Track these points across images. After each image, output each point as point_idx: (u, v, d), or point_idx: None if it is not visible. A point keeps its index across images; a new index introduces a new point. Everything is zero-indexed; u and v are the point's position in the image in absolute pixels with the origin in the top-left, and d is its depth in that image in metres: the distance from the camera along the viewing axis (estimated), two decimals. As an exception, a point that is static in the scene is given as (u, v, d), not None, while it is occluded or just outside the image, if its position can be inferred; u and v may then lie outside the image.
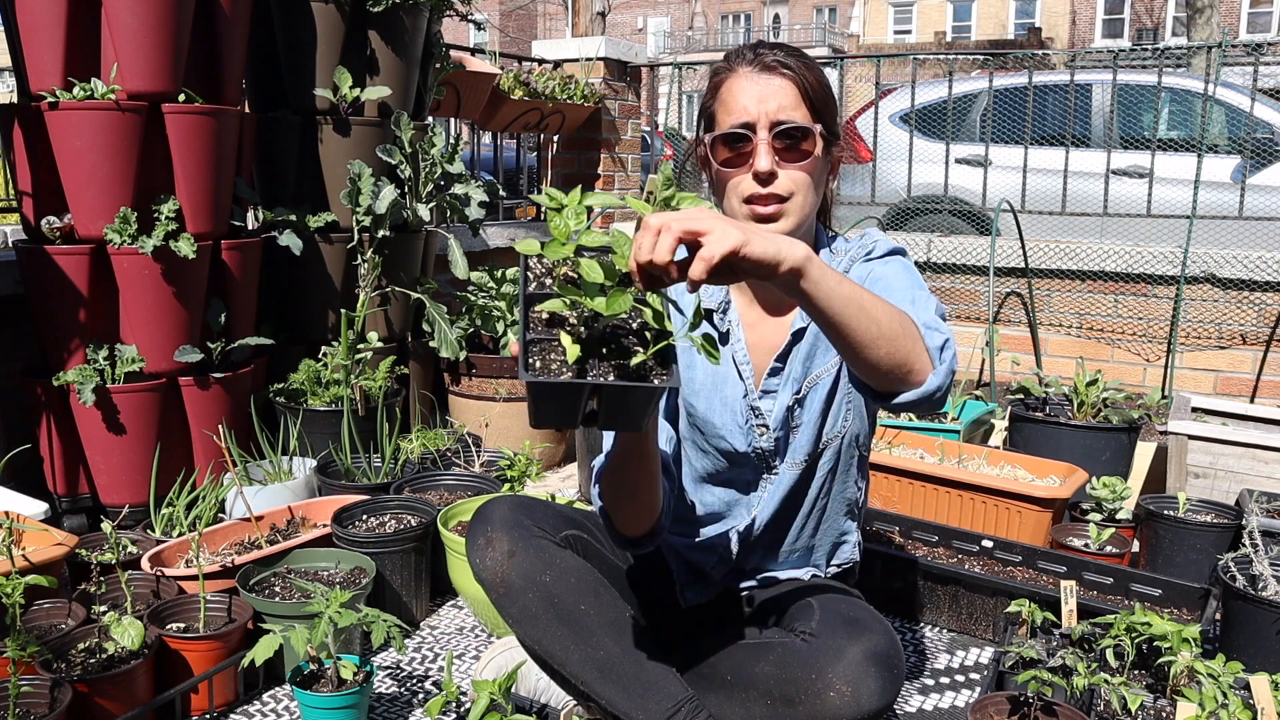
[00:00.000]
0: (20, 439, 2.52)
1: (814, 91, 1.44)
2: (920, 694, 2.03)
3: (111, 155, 2.34)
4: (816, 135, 1.43)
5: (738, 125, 1.43)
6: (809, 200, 1.46)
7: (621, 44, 4.93)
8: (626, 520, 1.44)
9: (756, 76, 1.44)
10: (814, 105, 1.44)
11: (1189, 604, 2.17)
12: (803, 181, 1.44)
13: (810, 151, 1.43)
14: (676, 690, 1.42)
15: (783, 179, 1.43)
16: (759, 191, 1.43)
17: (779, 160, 1.42)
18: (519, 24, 33.84)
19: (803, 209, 1.45)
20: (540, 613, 1.43)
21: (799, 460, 1.59)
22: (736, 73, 1.46)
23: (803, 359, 1.56)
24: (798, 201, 1.44)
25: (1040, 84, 5.08)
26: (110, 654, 1.79)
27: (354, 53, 2.93)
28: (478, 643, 2.22)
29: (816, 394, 1.57)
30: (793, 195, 1.43)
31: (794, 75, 1.43)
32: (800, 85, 1.43)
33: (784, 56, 1.44)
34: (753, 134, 1.42)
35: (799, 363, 1.56)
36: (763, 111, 1.42)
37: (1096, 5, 28.61)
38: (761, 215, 1.44)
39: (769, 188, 1.43)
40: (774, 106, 1.42)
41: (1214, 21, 11.60)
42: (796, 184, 1.43)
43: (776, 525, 1.63)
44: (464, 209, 3.25)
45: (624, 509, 1.43)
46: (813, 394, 1.57)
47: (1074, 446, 3.01)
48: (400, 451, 2.75)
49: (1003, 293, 4.31)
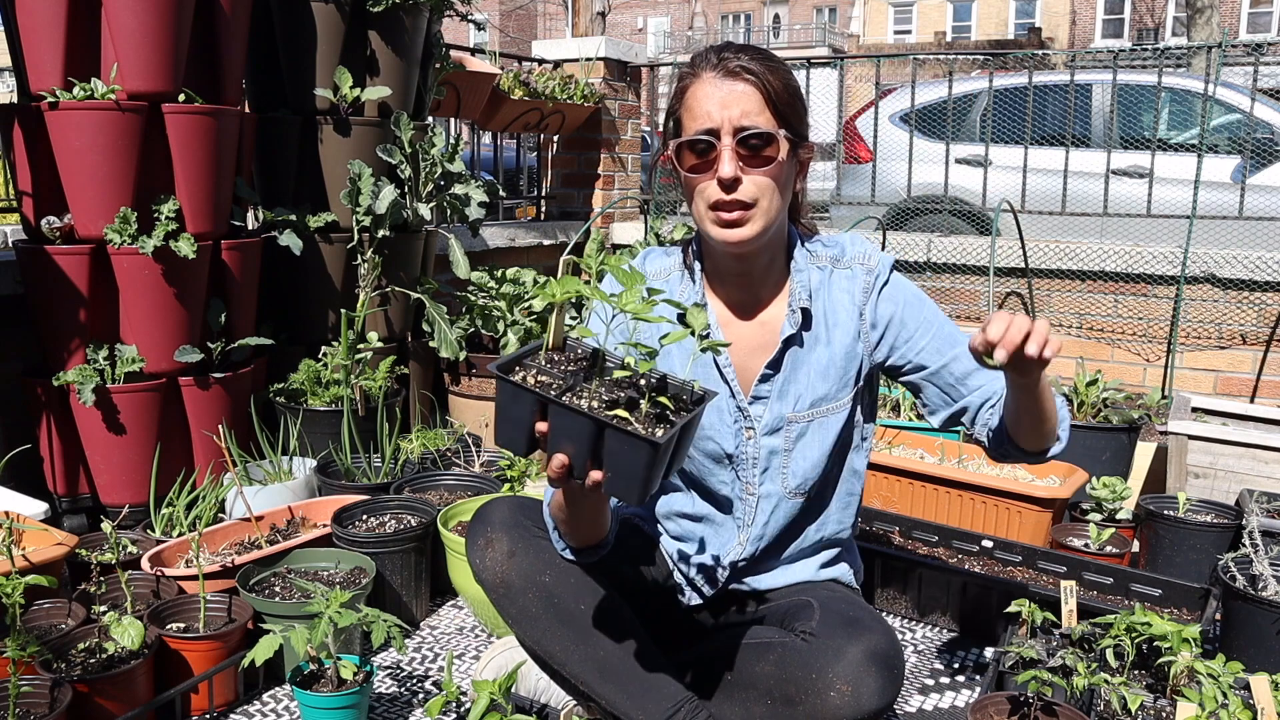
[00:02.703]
0: (20, 439, 2.52)
1: (778, 95, 1.43)
2: (920, 694, 2.03)
3: (111, 155, 2.34)
4: (780, 140, 1.43)
5: (701, 132, 1.43)
6: (774, 204, 1.46)
7: (621, 44, 4.93)
8: (572, 535, 1.46)
9: (719, 82, 1.43)
10: (778, 109, 1.43)
11: (1189, 604, 2.17)
12: (767, 186, 1.44)
13: (774, 157, 1.43)
14: (676, 690, 1.42)
15: (747, 185, 1.43)
16: (723, 198, 1.43)
17: (743, 166, 1.42)
18: (519, 24, 33.84)
19: (768, 213, 1.46)
20: (540, 613, 1.44)
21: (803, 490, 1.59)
22: (700, 78, 1.45)
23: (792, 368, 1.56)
24: (762, 206, 1.45)
25: (1040, 84, 5.08)
26: (110, 654, 1.79)
27: (354, 53, 2.93)
28: (478, 643, 2.22)
29: (828, 429, 1.58)
30: (757, 200, 1.44)
31: (756, 81, 1.42)
32: (764, 90, 1.42)
33: (747, 61, 1.43)
34: (716, 140, 1.42)
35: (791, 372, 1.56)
36: (726, 118, 1.41)
37: (1096, 5, 28.60)
38: (726, 220, 1.45)
39: (733, 194, 1.43)
40: (737, 112, 1.41)
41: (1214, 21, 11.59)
42: (761, 189, 1.44)
43: (773, 544, 1.63)
44: (464, 209, 3.25)
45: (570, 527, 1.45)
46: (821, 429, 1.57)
47: (1074, 446, 2.99)
48: (400, 451, 2.75)
49: (1003, 293, 4.31)
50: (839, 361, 1.57)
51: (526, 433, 1.15)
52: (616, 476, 1.11)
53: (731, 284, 1.58)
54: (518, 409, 1.14)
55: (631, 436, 1.09)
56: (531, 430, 1.15)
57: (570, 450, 1.13)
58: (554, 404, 1.12)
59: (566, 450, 1.13)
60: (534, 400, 1.13)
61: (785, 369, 1.56)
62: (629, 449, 1.09)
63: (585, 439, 1.11)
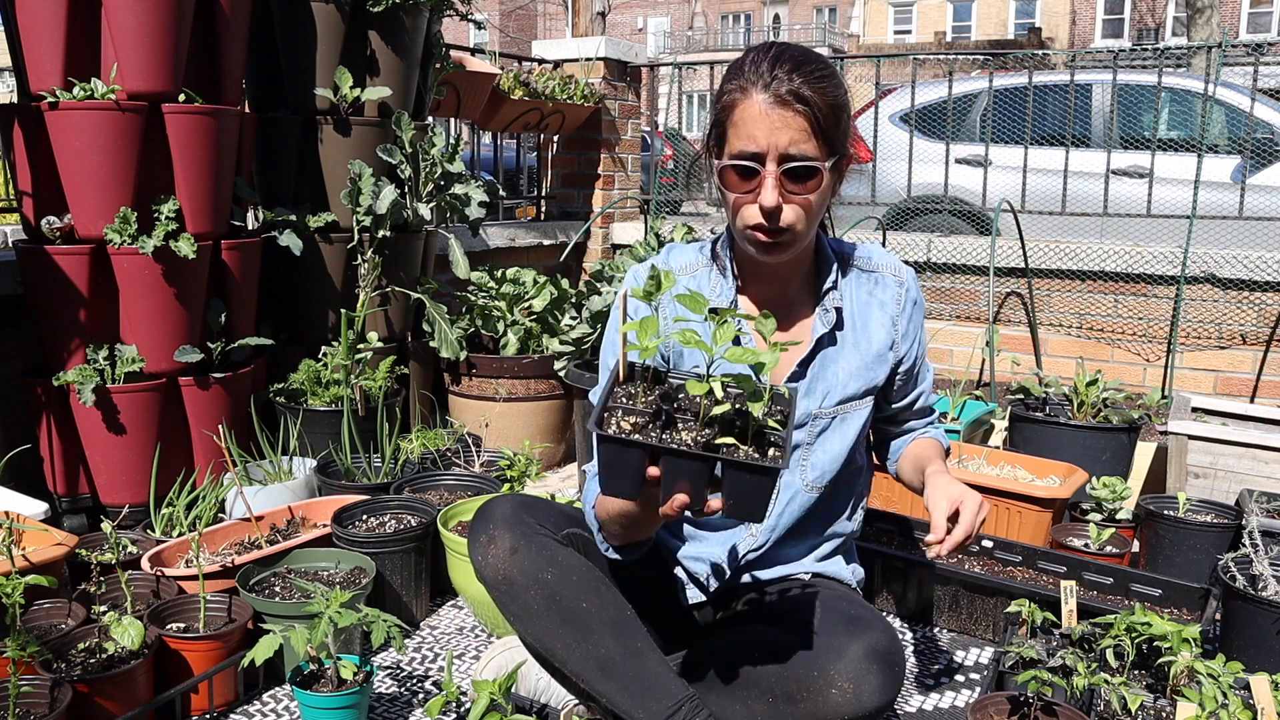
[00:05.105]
0: (20, 439, 2.52)
1: (825, 120, 1.42)
2: (920, 694, 2.03)
3: (111, 155, 2.34)
4: (824, 171, 1.43)
5: (746, 155, 1.42)
6: (812, 226, 1.50)
7: (621, 44, 4.93)
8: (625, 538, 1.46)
9: (769, 109, 1.40)
10: (825, 135, 1.42)
11: (1189, 604, 2.17)
12: (807, 211, 1.46)
13: (817, 186, 1.44)
14: (677, 688, 1.42)
15: (787, 212, 1.44)
16: (763, 224, 1.45)
17: (785, 193, 1.43)
18: (519, 24, 33.84)
19: (805, 235, 1.49)
20: (542, 610, 1.44)
21: (820, 483, 1.63)
22: (751, 98, 1.42)
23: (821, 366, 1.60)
24: (800, 230, 1.47)
25: (1040, 84, 5.08)
26: (110, 654, 1.78)
27: (354, 53, 2.93)
28: (478, 643, 2.22)
29: (849, 425, 1.63)
30: (794, 225, 1.45)
31: (807, 110, 1.40)
32: (812, 118, 1.40)
33: (799, 85, 1.40)
34: (761, 166, 1.42)
35: (820, 370, 1.60)
36: (772, 144, 1.41)
37: (1096, 5, 28.60)
38: (763, 243, 1.47)
39: (773, 222, 1.44)
40: (785, 140, 1.40)
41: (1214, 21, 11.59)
42: (800, 215, 1.45)
43: (784, 536, 1.64)
44: (464, 209, 3.25)
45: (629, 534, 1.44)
46: (843, 424, 1.62)
47: (1074, 446, 3.00)
48: (400, 451, 2.75)
49: (1003, 293, 4.31)
50: (870, 363, 1.62)
51: (638, 480, 1.16)
52: (739, 503, 1.13)
53: (763, 283, 1.61)
54: (625, 462, 1.15)
55: (753, 468, 1.11)
56: (643, 475, 1.16)
57: (686, 488, 1.14)
58: (665, 452, 1.12)
59: (682, 489, 1.14)
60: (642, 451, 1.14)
61: (815, 367, 1.60)
62: (750, 477, 1.11)
63: (702, 476, 1.13)
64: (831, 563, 1.70)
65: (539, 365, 3.32)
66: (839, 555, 1.72)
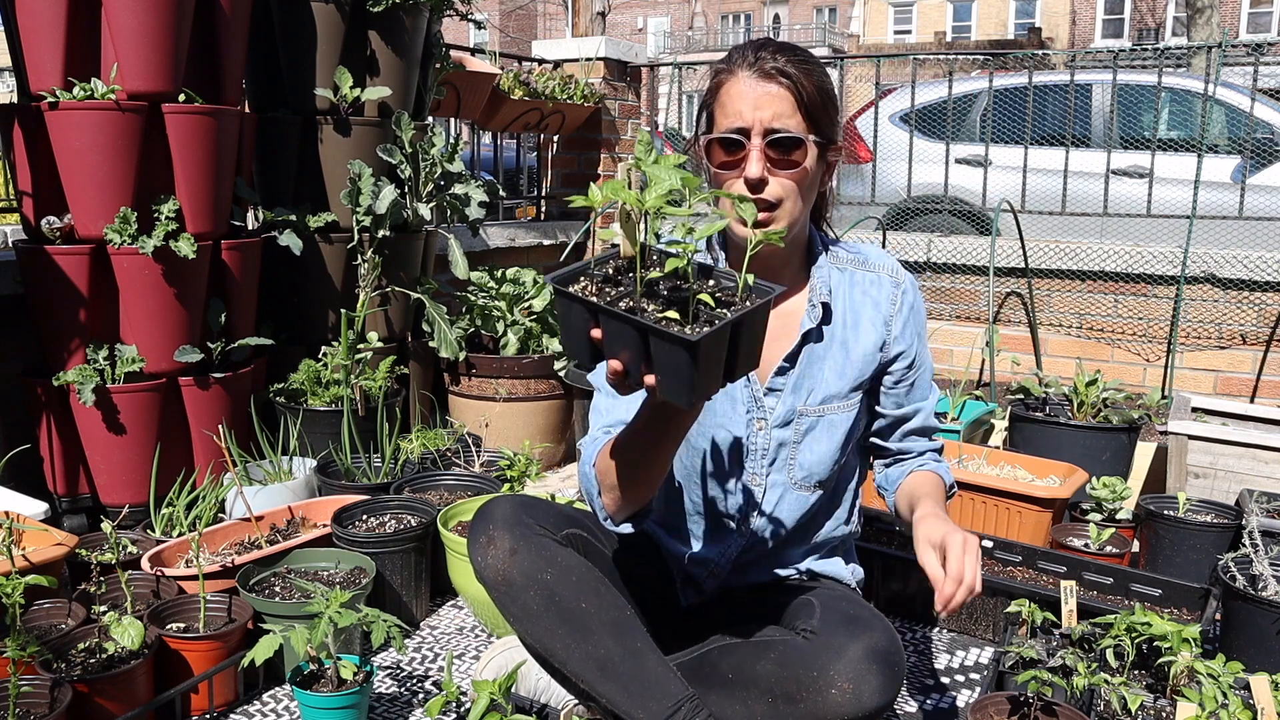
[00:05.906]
0: (20, 439, 2.52)
1: (810, 99, 1.45)
2: (920, 694, 2.03)
3: (111, 155, 2.34)
4: (809, 144, 1.46)
5: (732, 130, 1.46)
6: (799, 206, 1.50)
7: (621, 44, 4.93)
8: (621, 500, 1.42)
9: (754, 82, 1.45)
10: (810, 113, 1.46)
11: (1189, 604, 2.17)
12: (792, 188, 1.47)
13: (801, 161, 1.46)
14: (677, 689, 1.42)
15: (773, 185, 1.46)
16: (749, 197, 1.44)
17: (770, 167, 1.45)
18: (519, 24, 33.84)
19: (792, 214, 1.49)
20: (541, 611, 1.43)
21: (809, 483, 1.61)
22: (736, 76, 1.48)
23: (809, 362, 1.59)
24: (786, 207, 1.48)
25: (1040, 84, 5.08)
26: (110, 654, 1.78)
27: (354, 53, 2.93)
28: (478, 643, 2.22)
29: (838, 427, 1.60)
30: (782, 201, 1.47)
31: (791, 84, 1.44)
32: (797, 94, 1.44)
33: (784, 64, 1.45)
34: (746, 140, 1.45)
35: (808, 366, 1.59)
36: (757, 119, 1.44)
37: (1096, 5, 28.60)
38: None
39: (758, 194, 1.46)
40: (769, 114, 1.44)
41: (1214, 21, 11.59)
42: (786, 191, 1.47)
43: (777, 537, 1.63)
44: (464, 209, 3.25)
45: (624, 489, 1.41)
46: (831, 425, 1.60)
47: (1074, 446, 3.00)
48: (400, 451, 2.75)
49: (1003, 293, 4.31)
50: (857, 362, 1.61)
51: (586, 341, 1.18)
52: (664, 378, 1.11)
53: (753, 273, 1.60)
54: (571, 319, 1.18)
55: (672, 339, 1.07)
56: (590, 339, 1.17)
57: (625, 356, 1.14)
58: (602, 311, 1.13)
59: (622, 356, 1.14)
60: (586, 309, 1.15)
61: (801, 363, 1.59)
62: (669, 348, 1.09)
63: (635, 343, 1.12)
64: (830, 563, 1.70)
65: (539, 365, 3.32)
66: (838, 555, 1.72)
